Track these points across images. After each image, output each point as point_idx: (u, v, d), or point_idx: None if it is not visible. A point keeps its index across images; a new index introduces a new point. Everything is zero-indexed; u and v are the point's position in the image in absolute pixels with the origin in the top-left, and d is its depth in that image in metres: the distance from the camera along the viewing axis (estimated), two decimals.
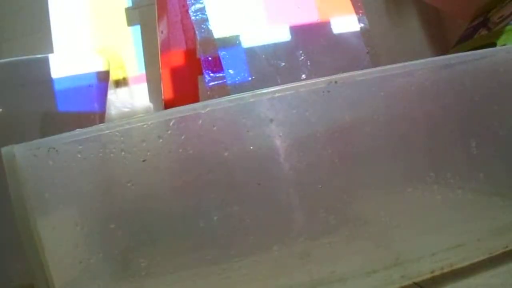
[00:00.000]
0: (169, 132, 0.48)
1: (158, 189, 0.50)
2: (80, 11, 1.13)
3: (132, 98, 1.14)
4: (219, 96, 0.66)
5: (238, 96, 0.49)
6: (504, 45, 0.84)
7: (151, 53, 1.10)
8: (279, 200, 0.51)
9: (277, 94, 0.49)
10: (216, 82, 0.85)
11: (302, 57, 0.91)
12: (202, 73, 0.86)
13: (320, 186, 0.52)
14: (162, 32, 0.98)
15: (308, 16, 0.95)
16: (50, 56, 0.81)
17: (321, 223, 0.52)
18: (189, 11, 0.88)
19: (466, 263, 0.52)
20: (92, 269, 0.47)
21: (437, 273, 0.51)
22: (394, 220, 0.54)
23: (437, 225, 0.54)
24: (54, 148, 0.45)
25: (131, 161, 0.47)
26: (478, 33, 0.95)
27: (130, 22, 1.15)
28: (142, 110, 1.13)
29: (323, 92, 0.50)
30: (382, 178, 0.54)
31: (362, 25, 0.97)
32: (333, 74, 0.50)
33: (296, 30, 0.93)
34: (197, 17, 0.87)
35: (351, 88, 0.51)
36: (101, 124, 0.48)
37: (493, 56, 0.56)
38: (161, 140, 0.48)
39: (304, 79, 0.89)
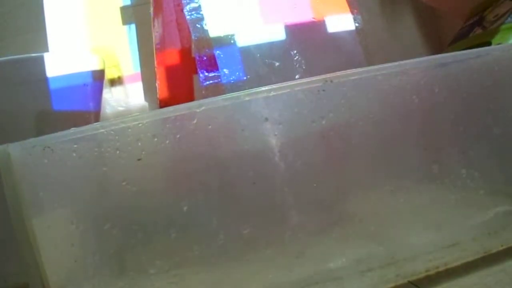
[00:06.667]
0: (164, 131, 0.48)
1: (153, 188, 0.50)
2: (75, 10, 1.13)
3: (127, 97, 1.14)
4: (214, 95, 0.66)
5: (233, 95, 0.49)
6: (499, 44, 0.84)
7: (146, 52, 1.10)
8: (274, 199, 0.51)
9: (272, 93, 0.49)
10: (211, 81, 0.85)
11: (297, 56, 0.91)
12: (197, 72, 0.86)
13: (315, 184, 0.52)
14: (157, 31, 0.98)
15: (303, 15, 0.95)
16: (45, 55, 0.81)
17: (316, 222, 0.52)
18: (184, 10, 0.88)
19: (461, 262, 0.52)
20: (87, 268, 0.47)
21: (432, 272, 0.52)
22: (389, 219, 0.54)
23: (432, 224, 0.54)
24: (49, 147, 0.45)
25: (126, 160, 0.47)
26: (473, 32, 0.96)
27: (125, 21, 1.15)
28: (137, 109, 1.13)
29: (319, 91, 0.50)
30: (377, 177, 0.54)
31: (357, 24, 0.97)
32: (328, 73, 0.50)
33: (291, 29, 0.93)
34: (192, 16, 0.87)
35: (346, 87, 0.51)
36: (96, 123, 0.47)
37: (488, 55, 0.56)
38: (156, 139, 0.48)
39: (299, 78, 0.89)
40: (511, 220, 0.56)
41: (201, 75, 0.85)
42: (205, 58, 0.86)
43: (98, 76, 0.89)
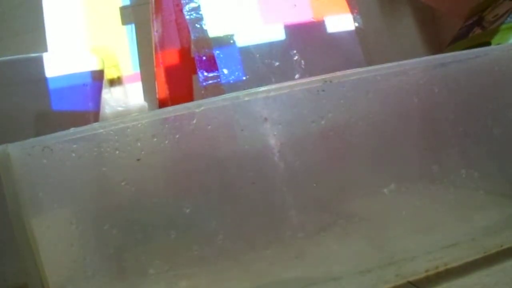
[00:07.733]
0: (163, 131, 0.48)
1: (153, 188, 0.50)
2: (75, 10, 1.12)
3: (126, 97, 1.13)
4: (214, 95, 0.67)
5: (233, 95, 0.49)
6: (498, 44, 0.84)
7: (146, 52, 1.10)
8: (273, 199, 0.51)
9: (272, 93, 0.49)
10: (210, 81, 0.85)
11: (297, 57, 0.91)
12: (196, 72, 0.86)
13: (314, 185, 0.52)
14: (156, 31, 0.98)
15: (303, 15, 0.95)
16: (44, 55, 0.81)
17: (316, 222, 0.52)
18: (184, 10, 0.88)
19: (460, 262, 0.52)
20: (87, 268, 0.47)
21: (431, 272, 0.52)
22: (388, 219, 0.54)
23: (432, 224, 0.54)
24: (48, 147, 0.45)
25: (126, 160, 0.47)
26: (472, 32, 0.96)
27: (125, 21, 1.15)
28: (137, 109, 1.13)
29: (318, 91, 0.50)
30: (376, 177, 0.54)
31: (356, 24, 0.97)
32: (327, 73, 0.50)
33: (291, 30, 0.93)
34: (191, 16, 0.87)
35: (346, 87, 0.51)
36: (96, 123, 0.47)
37: (487, 55, 0.56)
38: (155, 139, 0.48)
39: (298, 78, 0.89)
40: (511, 220, 0.56)
41: (200, 75, 0.85)
42: (204, 58, 0.86)
43: (98, 76, 0.89)
